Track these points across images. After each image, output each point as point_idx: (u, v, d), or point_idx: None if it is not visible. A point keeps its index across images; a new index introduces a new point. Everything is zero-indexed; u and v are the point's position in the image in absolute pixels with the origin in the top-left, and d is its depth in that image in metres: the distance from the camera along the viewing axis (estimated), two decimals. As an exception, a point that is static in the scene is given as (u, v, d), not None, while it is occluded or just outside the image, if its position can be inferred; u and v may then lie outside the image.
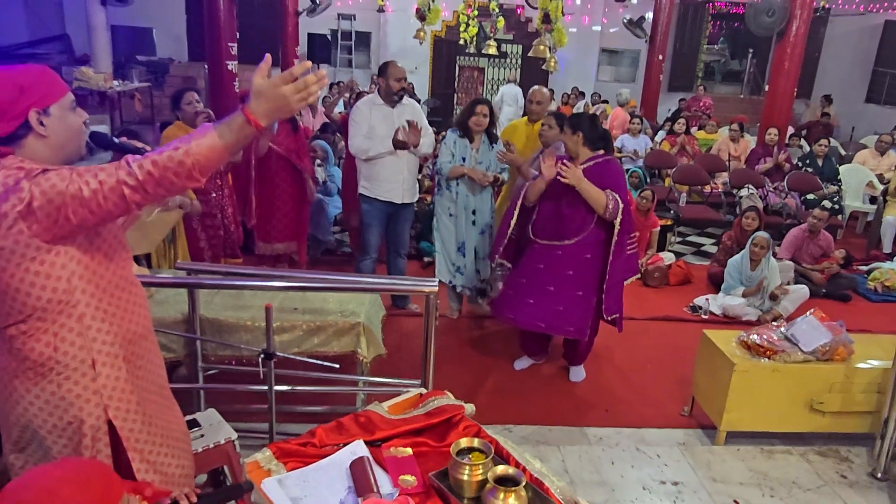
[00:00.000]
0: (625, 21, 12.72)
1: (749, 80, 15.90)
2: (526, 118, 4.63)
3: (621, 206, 3.43)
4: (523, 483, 1.60)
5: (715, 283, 5.56)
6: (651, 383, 3.95)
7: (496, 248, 3.83)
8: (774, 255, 5.37)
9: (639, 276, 5.72)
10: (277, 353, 2.43)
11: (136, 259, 3.23)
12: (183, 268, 2.72)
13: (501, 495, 1.57)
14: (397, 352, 3.86)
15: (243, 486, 1.46)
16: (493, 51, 7.05)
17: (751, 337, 3.33)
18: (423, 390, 2.10)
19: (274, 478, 1.71)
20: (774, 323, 3.61)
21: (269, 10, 13.42)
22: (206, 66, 9.61)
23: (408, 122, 4.09)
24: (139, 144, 1.83)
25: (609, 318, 3.69)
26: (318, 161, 5.79)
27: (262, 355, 2.39)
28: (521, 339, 4.04)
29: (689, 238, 7.21)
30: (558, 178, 3.40)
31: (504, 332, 4.46)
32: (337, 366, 2.56)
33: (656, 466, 3.09)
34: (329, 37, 13.58)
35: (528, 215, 3.67)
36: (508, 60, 14.32)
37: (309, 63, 1.49)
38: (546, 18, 4.76)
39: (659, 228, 6.05)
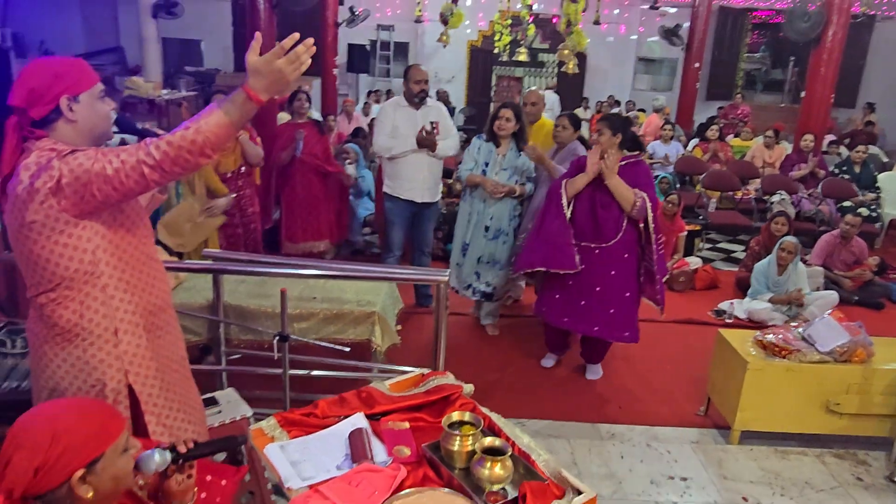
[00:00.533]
0: (661, 29, 12.64)
1: (790, 89, 15.59)
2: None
3: (649, 204, 3.49)
4: (509, 453, 1.67)
5: (742, 289, 5.51)
6: (668, 383, 3.96)
7: (558, 262, 3.61)
8: (804, 261, 5.30)
9: (665, 278, 5.73)
10: (292, 336, 2.55)
11: (168, 250, 3.41)
12: (210, 255, 2.88)
13: (488, 464, 1.65)
14: (416, 347, 3.95)
15: (238, 439, 1.57)
16: (523, 58, 7.15)
17: (766, 336, 3.32)
18: (426, 370, 2.19)
19: (276, 444, 1.82)
20: (793, 323, 3.59)
21: (309, 22, 13.75)
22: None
23: (431, 123, 4.21)
24: (159, 131, 1.95)
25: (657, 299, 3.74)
26: (349, 161, 5.96)
27: (276, 337, 2.51)
28: (547, 337, 4.09)
29: (719, 245, 7.14)
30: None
31: (521, 330, 4.52)
32: (348, 349, 2.67)
33: (666, 462, 3.10)
34: (368, 47, 13.86)
35: (562, 214, 3.62)
36: (546, 69, 14.38)
37: (297, 35, 1.59)
38: (568, 23, 4.83)
39: (686, 233, 6.03)
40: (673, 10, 13.56)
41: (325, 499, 1.58)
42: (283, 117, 4.24)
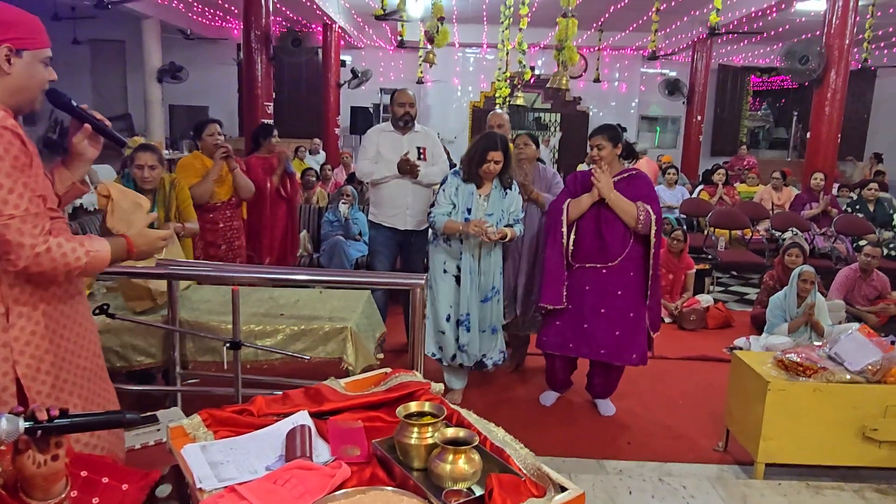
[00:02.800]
0: (661, 84, 12.73)
1: (796, 146, 15.54)
2: None
3: (653, 216, 3.26)
4: (475, 442, 1.35)
5: (758, 327, 5.14)
6: (681, 420, 3.57)
7: (547, 296, 3.37)
8: (823, 295, 4.96)
9: (672, 320, 5.40)
10: (245, 344, 2.25)
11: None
12: (163, 262, 2.61)
13: (450, 457, 1.33)
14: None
15: (124, 416, 1.24)
16: (521, 102, 7.07)
17: (787, 356, 2.97)
18: (389, 370, 1.87)
19: (197, 444, 1.50)
20: (816, 343, 3.23)
21: (312, 83, 14.03)
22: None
23: (418, 148, 4.02)
24: (98, 116, 1.73)
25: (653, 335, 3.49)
26: (343, 202, 5.86)
27: (227, 345, 2.21)
28: (548, 373, 3.72)
29: (731, 288, 6.80)
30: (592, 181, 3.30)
31: (525, 366, 4.18)
32: (307, 357, 2.36)
33: (682, 497, 2.70)
34: (371, 110, 14.01)
35: (559, 242, 3.40)
36: (549, 130, 14.43)
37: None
38: (561, 48, 4.72)
39: (694, 271, 5.73)
40: (673, 74, 13.66)
41: (240, 499, 1.25)
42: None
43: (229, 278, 2.43)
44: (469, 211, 3.39)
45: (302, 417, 1.60)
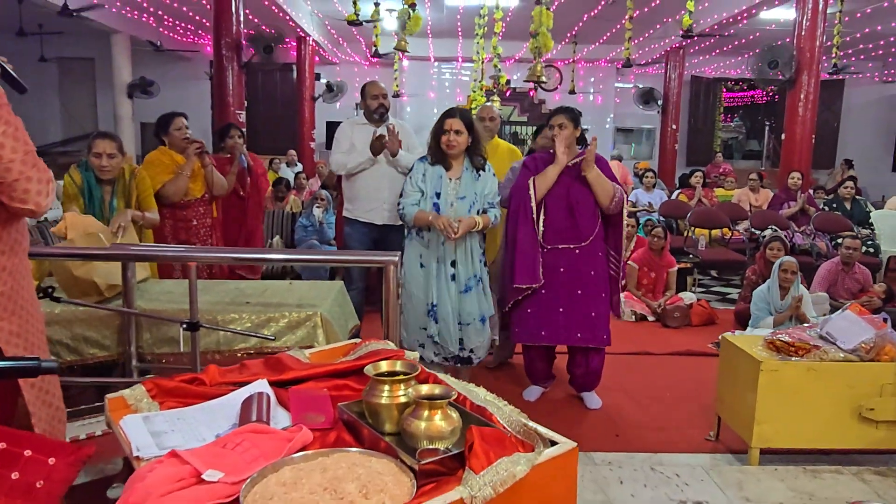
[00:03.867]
0: (636, 94, 12.81)
1: (769, 156, 15.71)
2: None
3: (625, 196, 3.29)
4: (452, 397, 1.19)
5: (742, 323, 5.05)
6: (670, 412, 3.43)
7: (522, 276, 3.22)
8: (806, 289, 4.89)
9: (655, 318, 5.30)
10: (203, 325, 2.07)
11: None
12: (117, 245, 2.43)
13: (425, 413, 1.17)
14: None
15: (39, 365, 1.07)
16: (497, 105, 6.99)
17: (778, 337, 2.86)
18: (358, 340, 1.71)
19: (139, 415, 1.32)
20: (806, 324, 3.13)
21: (286, 99, 13.89)
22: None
23: (387, 127, 3.86)
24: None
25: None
26: (317, 206, 5.73)
27: (183, 325, 2.03)
28: (527, 365, 3.57)
29: (713, 288, 6.74)
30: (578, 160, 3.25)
31: (512, 363, 4.03)
32: (273, 338, 2.19)
33: (675, 485, 2.55)
34: (346, 124, 13.88)
35: (530, 219, 3.29)
36: (526, 143, 14.40)
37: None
38: (535, 34, 4.64)
39: (676, 269, 5.64)
40: (646, 87, 13.74)
41: (181, 463, 1.08)
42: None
43: (189, 258, 2.25)
44: (438, 195, 3.18)
45: (261, 386, 1.43)
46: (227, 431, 1.27)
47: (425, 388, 1.25)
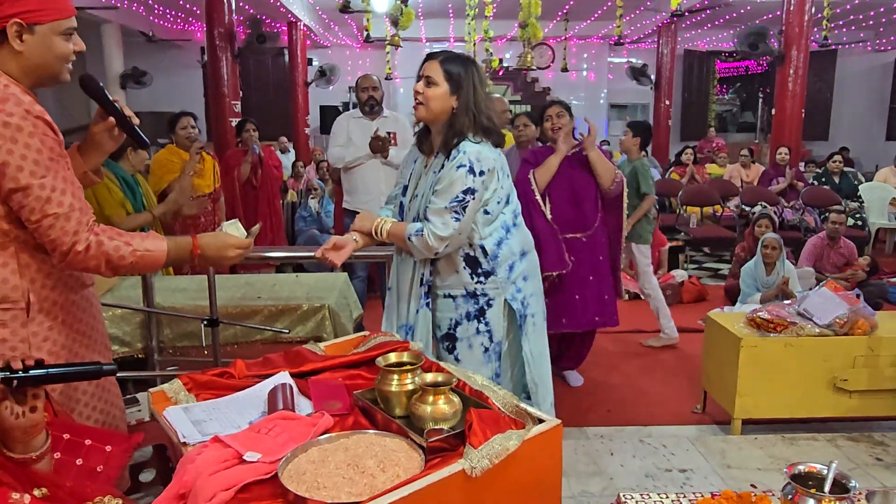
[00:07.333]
0: (629, 70, 12.88)
1: (763, 128, 15.81)
2: None
3: (624, 178, 3.41)
4: (453, 383, 1.37)
5: (732, 299, 5.23)
6: (660, 387, 3.63)
7: (550, 263, 3.17)
8: (792, 264, 5.07)
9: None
10: (222, 321, 2.25)
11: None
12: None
13: (430, 398, 1.35)
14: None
15: (101, 368, 1.24)
16: (490, 87, 7.09)
17: (758, 314, 3.04)
18: (367, 332, 1.89)
19: (180, 406, 1.51)
20: (786, 301, 3.32)
21: (279, 84, 13.93)
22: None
23: (388, 133, 4.03)
24: (128, 112, 1.63)
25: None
26: (312, 196, 5.86)
27: (204, 322, 2.21)
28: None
29: (705, 265, 6.92)
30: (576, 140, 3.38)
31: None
32: (287, 331, 2.37)
33: (662, 456, 2.76)
34: (340, 108, 13.96)
35: (539, 210, 3.37)
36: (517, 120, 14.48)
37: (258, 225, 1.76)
38: (524, 25, 4.76)
39: (668, 248, 5.82)
40: (639, 62, 13.79)
41: (224, 447, 1.26)
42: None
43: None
44: (405, 191, 2.17)
45: (283, 377, 1.61)
46: (258, 419, 1.45)
47: (430, 377, 1.42)
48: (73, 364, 1.29)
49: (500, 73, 13.16)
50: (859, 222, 6.71)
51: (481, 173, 1.95)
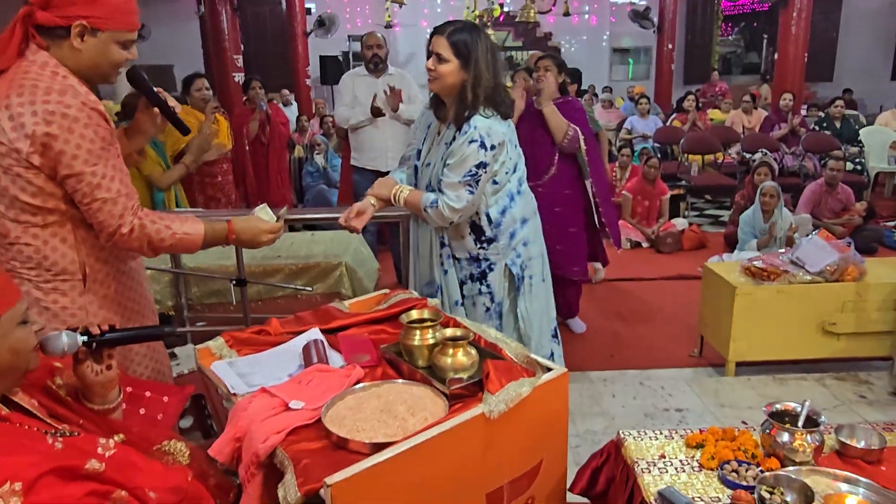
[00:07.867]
0: (631, 13, 12.69)
1: (767, 69, 15.63)
2: None
3: (581, 136, 3.42)
4: (471, 337, 1.54)
5: (731, 245, 5.38)
6: (660, 333, 3.82)
7: None
8: (791, 211, 5.20)
9: (650, 244, 5.63)
10: (250, 280, 2.41)
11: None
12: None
13: (450, 351, 1.52)
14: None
15: (164, 329, 1.42)
16: (491, 34, 7.07)
17: (753, 263, 3.20)
18: (387, 290, 2.05)
19: (224, 360, 1.68)
20: (780, 250, 3.46)
21: (278, 35, 13.77)
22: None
23: (389, 87, 4.09)
24: (171, 102, 1.75)
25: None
26: (317, 153, 5.96)
27: (233, 281, 2.38)
28: None
29: (706, 211, 7.04)
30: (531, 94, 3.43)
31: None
32: (310, 289, 2.54)
33: (660, 396, 2.96)
34: (340, 58, 13.82)
35: None
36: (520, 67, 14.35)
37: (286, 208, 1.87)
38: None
39: (669, 196, 5.93)
40: (642, 2, 13.56)
41: (271, 397, 1.44)
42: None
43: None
44: (419, 154, 2.25)
45: (315, 333, 1.78)
46: (296, 371, 1.63)
47: (449, 331, 1.59)
48: (141, 327, 1.45)
49: (502, 19, 12.97)
50: (858, 167, 6.79)
51: (492, 147, 2.04)
